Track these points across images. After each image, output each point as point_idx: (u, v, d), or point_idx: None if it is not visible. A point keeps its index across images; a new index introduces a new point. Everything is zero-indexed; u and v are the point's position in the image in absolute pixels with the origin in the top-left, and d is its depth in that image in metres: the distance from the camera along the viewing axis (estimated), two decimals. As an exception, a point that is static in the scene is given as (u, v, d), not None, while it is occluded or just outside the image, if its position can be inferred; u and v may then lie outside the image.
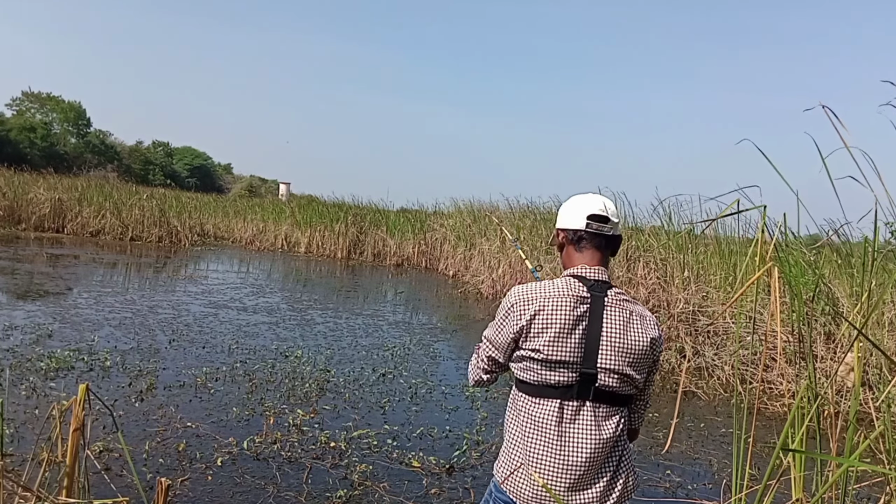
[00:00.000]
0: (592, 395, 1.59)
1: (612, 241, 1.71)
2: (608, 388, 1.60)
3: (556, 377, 1.59)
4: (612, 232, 1.69)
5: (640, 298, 8.08)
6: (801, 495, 2.23)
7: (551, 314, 1.58)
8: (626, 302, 1.64)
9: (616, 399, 1.62)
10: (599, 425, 1.59)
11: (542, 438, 1.60)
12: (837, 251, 7.02)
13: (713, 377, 6.64)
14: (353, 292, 11.72)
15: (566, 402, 1.59)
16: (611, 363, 1.58)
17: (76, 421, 1.95)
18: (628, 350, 1.60)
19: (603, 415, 1.60)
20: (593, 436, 1.58)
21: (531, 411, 1.62)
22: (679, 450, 4.62)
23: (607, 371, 1.58)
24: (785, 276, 3.27)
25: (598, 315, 1.59)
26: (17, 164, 23.09)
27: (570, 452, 1.58)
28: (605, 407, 1.61)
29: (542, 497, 1.59)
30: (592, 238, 1.67)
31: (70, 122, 47.86)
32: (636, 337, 1.61)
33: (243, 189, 49.19)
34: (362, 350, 6.83)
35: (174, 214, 18.78)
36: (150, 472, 3.36)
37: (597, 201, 1.68)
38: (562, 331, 1.57)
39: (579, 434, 1.58)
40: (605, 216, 1.65)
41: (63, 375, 4.85)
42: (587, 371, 1.58)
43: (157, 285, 10.20)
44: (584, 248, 1.68)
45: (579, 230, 1.67)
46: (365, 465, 3.73)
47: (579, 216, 1.67)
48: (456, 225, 16.52)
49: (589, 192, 1.73)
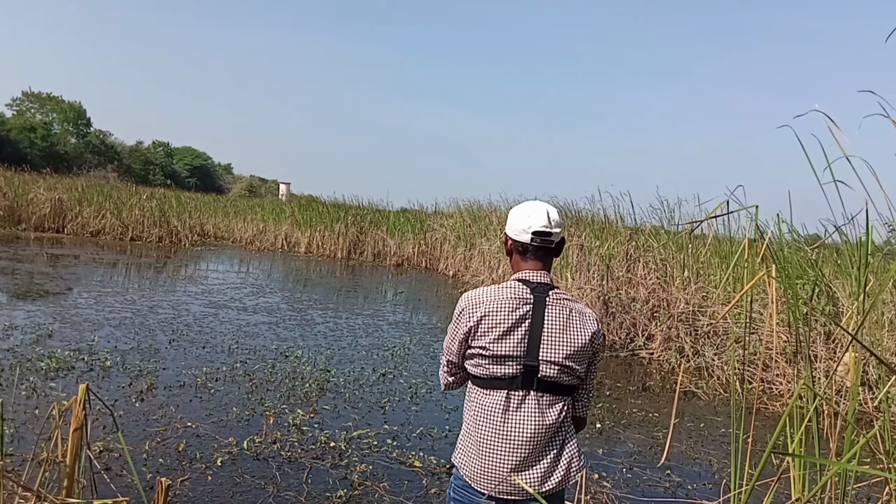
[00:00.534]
0: (536, 385, 1.75)
1: (556, 248, 1.87)
2: (549, 378, 1.76)
3: (502, 370, 1.76)
4: (556, 241, 1.84)
5: (640, 298, 8.09)
6: (801, 495, 2.23)
7: (496, 315, 1.75)
8: (566, 301, 1.81)
9: (558, 389, 1.78)
10: (542, 412, 1.76)
11: (490, 425, 1.77)
12: (838, 250, 7.02)
13: (713, 377, 6.65)
14: (353, 292, 11.73)
15: (512, 391, 1.76)
16: (551, 356, 1.74)
17: (76, 421, 1.95)
18: (568, 344, 1.76)
19: (546, 403, 1.77)
20: (536, 421, 1.75)
21: (482, 401, 1.80)
22: (679, 450, 4.62)
23: (548, 363, 1.75)
24: (781, 276, 3.27)
25: (539, 313, 1.76)
26: (18, 165, 23.12)
27: (514, 436, 1.74)
28: (548, 396, 1.77)
29: (490, 477, 1.76)
30: (537, 250, 1.83)
31: (70, 122, 47.90)
32: (576, 332, 1.77)
33: (243, 189, 49.23)
34: (362, 350, 6.83)
35: (174, 214, 18.79)
36: (150, 472, 3.36)
37: (541, 217, 1.80)
38: (505, 329, 1.74)
39: (523, 420, 1.75)
40: (549, 231, 1.80)
41: (63, 375, 4.85)
42: (530, 364, 1.74)
43: (158, 285, 10.20)
44: (529, 258, 1.84)
45: (526, 244, 1.82)
46: (365, 464, 3.74)
47: (526, 232, 1.81)
48: (456, 225, 16.53)
49: (536, 201, 1.87)
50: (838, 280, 6.70)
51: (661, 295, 8.04)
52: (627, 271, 8.61)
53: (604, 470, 4.05)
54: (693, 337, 7.37)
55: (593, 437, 4.73)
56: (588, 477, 3.89)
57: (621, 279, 8.48)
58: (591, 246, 9.26)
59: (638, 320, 8.05)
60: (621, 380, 6.64)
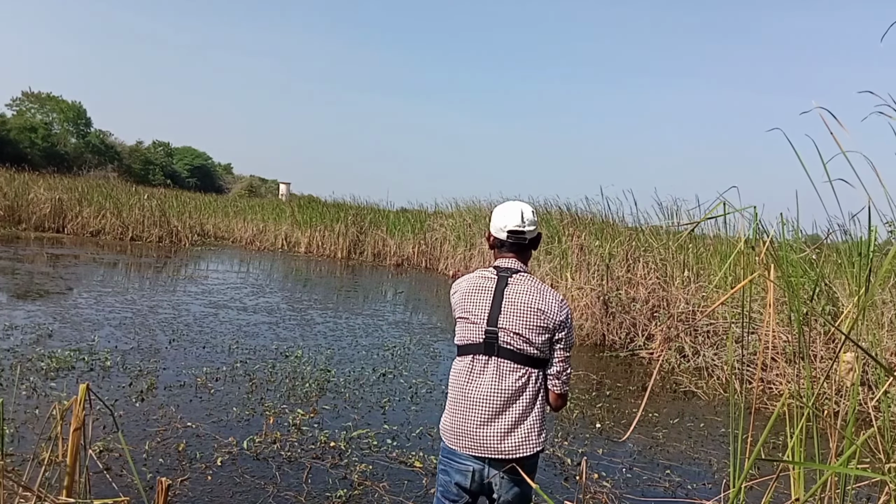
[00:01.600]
0: (497, 352, 1.98)
1: (530, 244, 2.11)
2: (509, 346, 1.97)
3: (468, 334, 2.03)
4: (529, 237, 2.09)
5: (640, 298, 8.09)
6: (800, 495, 2.23)
7: (466, 290, 2.09)
8: (527, 281, 2.03)
9: (519, 358, 1.97)
10: (502, 376, 1.97)
11: (458, 386, 2.04)
12: (838, 250, 7.02)
13: (713, 377, 6.65)
14: (353, 292, 11.73)
15: (477, 356, 2.00)
16: (509, 324, 1.96)
17: (76, 421, 1.95)
18: (522, 315, 1.96)
19: (507, 368, 1.97)
20: (494, 383, 1.97)
21: (455, 367, 2.08)
22: (679, 449, 4.62)
23: (506, 331, 1.96)
24: (781, 276, 3.27)
25: (501, 289, 2.02)
26: (18, 165, 23.11)
27: (473, 396, 1.98)
28: (509, 363, 1.97)
29: (459, 433, 2.00)
30: (512, 245, 2.09)
31: (70, 122, 47.86)
32: (531, 305, 1.97)
33: (243, 189, 49.19)
34: (362, 350, 6.83)
35: (174, 214, 18.79)
36: (150, 472, 3.37)
37: (515, 216, 2.05)
38: (471, 300, 2.04)
39: (483, 382, 1.98)
40: (522, 230, 2.05)
41: (63, 375, 4.85)
42: (490, 330, 1.98)
43: (158, 285, 10.20)
44: (505, 252, 2.11)
45: (502, 240, 2.08)
46: (365, 464, 3.74)
47: (502, 230, 2.07)
48: (456, 225, 16.53)
49: (515, 201, 2.12)
50: (838, 280, 6.70)
51: (661, 295, 8.04)
52: (627, 271, 8.61)
53: (604, 470, 4.06)
54: (693, 337, 7.37)
55: (593, 437, 4.73)
56: (588, 477, 3.90)
57: (621, 279, 8.48)
58: (590, 246, 9.27)
59: (638, 320, 8.05)
60: (621, 380, 6.65)
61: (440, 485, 2.09)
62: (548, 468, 4.00)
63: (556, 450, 4.30)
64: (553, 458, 4.16)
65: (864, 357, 4.81)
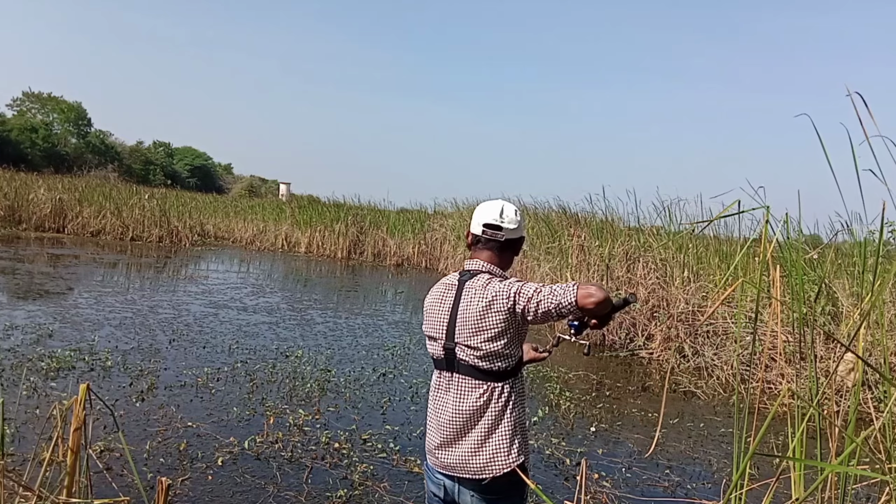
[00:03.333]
0: (457, 368, 1.85)
1: (508, 244, 1.93)
2: (466, 362, 1.83)
3: (431, 349, 1.93)
4: (506, 237, 1.91)
5: (640, 298, 8.08)
6: (800, 495, 2.23)
7: (428, 300, 1.96)
8: (479, 281, 1.85)
9: (478, 373, 1.82)
10: (462, 395, 1.84)
11: (430, 400, 1.96)
12: (837, 251, 7.02)
13: (713, 377, 6.65)
14: (353, 292, 11.73)
15: (442, 371, 1.91)
16: (463, 338, 1.82)
17: (77, 421, 1.95)
18: (475, 322, 1.80)
19: (467, 387, 1.84)
20: (455, 403, 1.85)
21: (432, 378, 1.98)
22: (678, 449, 4.62)
23: (461, 346, 1.83)
24: (788, 276, 3.27)
25: (457, 298, 1.87)
26: (18, 165, 23.12)
27: (438, 416, 1.89)
28: (469, 380, 1.84)
29: (426, 446, 1.96)
30: (486, 242, 1.92)
31: (71, 123, 47.88)
32: (475, 309, 1.80)
33: (243, 189, 49.16)
34: (362, 350, 6.83)
35: (174, 214, 18.79)
36: (150, 472, 3.37)
37: (494, 211, 1.91)
38: (431, 311, 1.92)
39: (447, 401, 1.87)
40: (499, 225, 1.89)
41: (64, 375, 4.86)
42: (448, 345, 1.86)
43: (158, 285, 10.21)
44: (479, 248, 1.94)
45: (478, 235, 1.93)
46: (365, 464, 3.74)
47: (478, 223, 1.92)
48: (456, 225, 16.52)
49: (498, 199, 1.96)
50: (838, 280, 6.70)
51: (661, 294, 8.05)
52: (627, 271, 8.61)
53: (604, 470, 4.06)
54: (693, 337, 7.37)
55: (593, 437, 4.73)
56: (588, 477, 3.90)
57: (621, 279, 8.48)
58: (590, 246, 9.27)
59: (637, 320, 8.05)
60: (621, 380, 6.65)
61: (426, 490, 2.05)
62: (547, 468, 4.00)
63: (556, 450, 4.30)
64: (553, 459, 4.16)
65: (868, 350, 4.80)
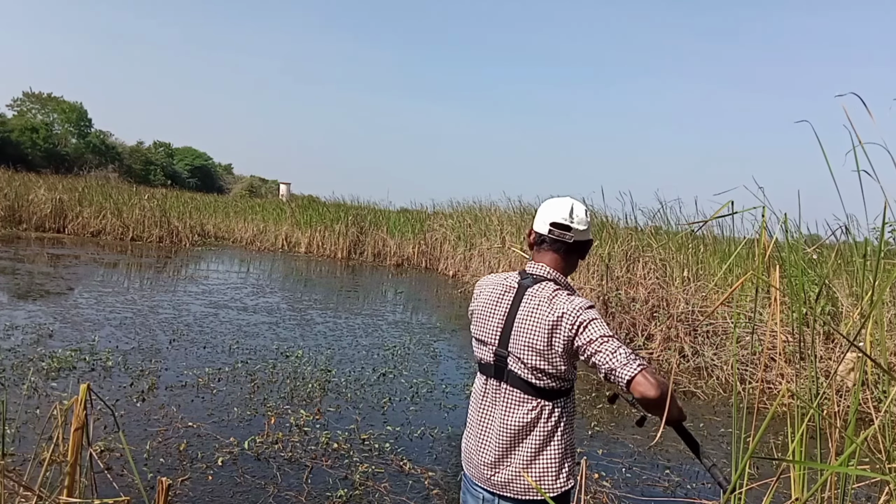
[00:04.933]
0: (507, 378, 1.71)
1: (576, 247, 1.78)
2: (517, 374, 1.70)
3: (479, 353, 1.80)
4: (574, 239, 1.76)
5: (640, 298, 8.08)
6: (800, 495, 2.23)
7: (482, 298, 1.81)
8: (544, 291, 1.70)
9: (529, 388, 1.69)
10: (510, 409, 1.71)
11: (474, 409, 1.82)
12: (837, 251, 7.02)
13: (712, 377, 6.65)
14: (353, 292, 11.73)
15: (490, 379, 1.76)
16: (516, 348, 1.69)
17: (77, 421, 1.96)
18: (530, 336, 1.66)
19: (516, 399, 1.70)
20: (503, 415, 1.71)
21: (475, 383, 1.85)
22: (678, 449, 4.63)
23: (514, 356, 1.70)
24: (786, 276, 3.28)
25: (516, 304, 1.72)
26: (18, 165, 23.12)
27: (486, 427, 1.76)
28: (519, 393, 1.70)
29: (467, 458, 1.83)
30: (553, 243, 1.77)
31: (71, 123, 47.85)
32: (538, 323, 1.66)
33: (244, 189, 49.17)
34: (363, 350, 6.84)
35: (175, 215, 18.79)
36: (151, 472, 3.37)
37: (563, 209, 1.76)
38: (484, 312, 1.78)
39: (493, 412, 1.75)
40: (567, 224, 1.74)
41: (64, 375, 4.86)
42: (500, 352, 1.72)
43: (158, 285, 10.21)
44: (544, 250, 1.79)
45: (543, 235, 1.78)
46: (366, 465, 3.75)
47: (545, 222, 1.77)
48: (456, 225, 16.52)
49: (566, 197, 1.81)
50: (838, 280, 6.70)
51: (661, 295, 8.05)
52: (627, 271, 8.62)
53: (603, 470, 4.06)
54: (692, 337, 7.38)
55: (593, 437, 4.74)
56: (588, 476, 3.90)
57: (621, 279, 8.49)
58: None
59: (637, 320, 8.05)
60: (621, 380, 6.64)
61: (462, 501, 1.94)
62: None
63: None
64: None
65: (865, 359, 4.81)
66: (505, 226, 13.47)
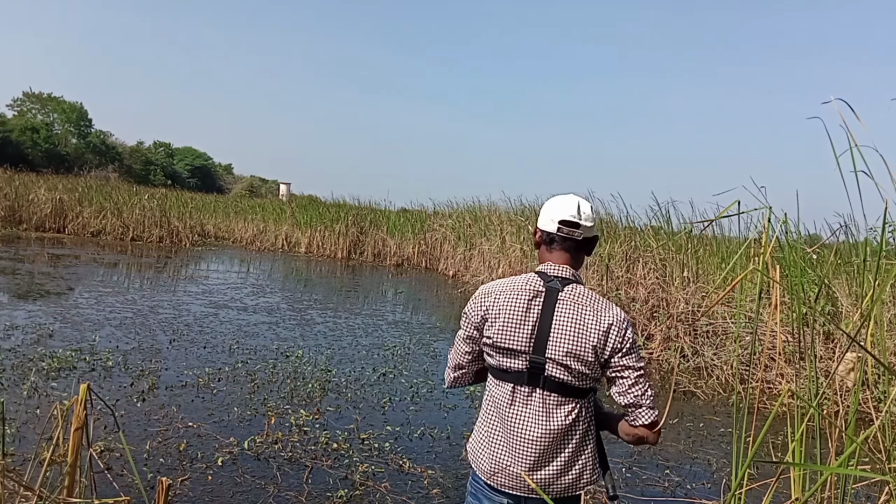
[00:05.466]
0: (543, 384, 1.67)
1: (584, 244, 1.77)
2: (556, 378, 1.66)
3: (507, 363, 1.70)
4: (583, 236, 1.75)
5: (640, 298, 8.09)
6: (799, 495, 2.24)
7: (503, 305, 1.70)
8: (582, 296, 1.69)
9: (567, 390, 1.68)
10: (548, 413, 1.67)
11: (497, 417, 1.73)
12: (836, 251, 7.02)
13: (712, 377, 6.65)
14: (353, 292, 11.73)
15: (518, 386, 1.70)
16: (558, 355, 1.65)
17: (77, 421, 1.96)
18: (575, 342, 1.64)
19: (553, 403, 1.68)
20: (541, 423, 1.67)
21: (493, 391, 1.76)
22: (678, 449, 4.63)
23: (554, 362, 1.66)
24: (786, 276, 3.27)
25: (550, 307, 1.67)
26: (19, 165, 23.14)
27: (518, 435, 1.68)
28: (556, 396, 1.68)
29: (491, 467, 1.72)
30: (563, 241, 1.74)
31: (71, 123, 47.85)
32: (586, 329, 1.65)
33: (244, 189, 49.20)
34: (363, 350, 6.84)
35: (175, 215, 18.80)
36: (151, 472, 3.38)
37: (571, 206, 1.74)
38: (511, 321, 1.68)
39: (528, 419, 1.68)
40: (576, 222, 1.72)
41: (65, 375, 4.86)
42: (536, 360, 1.67)
43: (158, 285, 10.21)
44: (555, 249, 1.76)
45: (552, 233, 1.75)
46: (366, 465, 3.75)
47: (553, 220, 1.74)
48: (456, 225, 16.53)
49: (570, 194, 1.78)
50: (837, 280, 6.71)
51: (661, 295, 8.05)
52: (627, 271, 8.62)
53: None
54: (692, 337, 7.38)
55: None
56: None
57: (620, 279, 8.49)
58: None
59: (637, 320, 8.05)
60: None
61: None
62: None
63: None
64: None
65: (866, 357, 4.81)
66: (505, 226, 13.48)
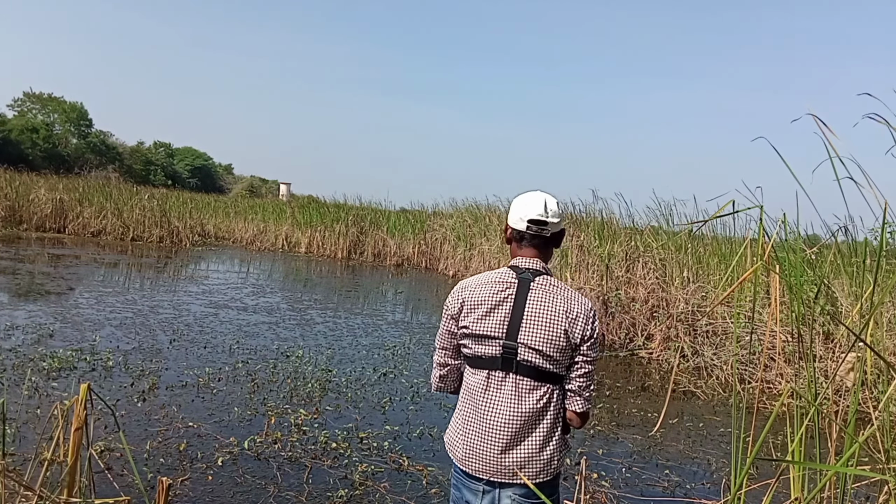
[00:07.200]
0: (516, 368, 1.76)
1: (552, 239, 1.89)
2: (528, 363, 1.76)
3: (482, 349, 1.80)
4: (551, 232, 1.86)
5: (640, 298, 8.09)
6: (799, 495, 2.24)
7: (479, 295, 1.81)
8: (552, 285, 1.80)
9: (539, 375, 1.77)
10: (521, 396, 1.76)
11: (472, 404, 1.82)
12: (836, 251, 7.02)
13: (712, 377, 6.65)
14: (353, 292, 11.74)
15: (493, 372, 1.79)
16: (530, 340, 1.74)
17: (78, 420, 1.96)
18: (546, 328, 1.74)
19: (526, 388, 1.77)
20: (512, 405, 1.76)
21: (468, 380, 1.85)
22: (677, 449, 4.63)
23: (526, 347, 1.75)
24: (785, 276, 3.28)
25: (522, 297, 1.78)
26: (19, 165, 23.14)
27: (490, 419, 1.77)
28: (529, 380, 1.77)
29: (478, 459, 1.79)
30: (532, 238, 1.86)
31: (72, 123, 47.87)
32: (556, 317, 1.75)
33: (244, 189, 49.22)
34: (363, 350, 6.84)
35: (175, 215, 18.80)
36: (151, 472, 3.38)
37: (538, 205, 1.83)
38: (485, 309, 1.79)
39: (501, 402, 1.77)
40: (544, 220, 1.82)
41: (65, 375, 4.87)
42: (509, 345, 1.76)
43: (159, 285, 10.21)
44: (525, 245, 1.87)
45: (522, 231, 1.85)
46: (366, 465, 3.75)
47: (522, 219, 1.84)
48: (456, 225, 16.53)
49: (537, 191, 1.87)
50: (837, 280, 6.71)
51: (661, 295, 8.05)
52: (627, 271, 8.62)
53: (603, 469, 4.06)
54: (692, 337, 7.38)
55: (593, 436, 4.74)
56: (587, 476, 3.90)
57: (620, 279, 8.49)
58: (590, 246, 9.27)
59: (637, 320, 8.06)
60: (620, 380, 6.65)
61: (452, 500, 1.96)
62: (548, 468, 4.00)
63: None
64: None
65: (866, 357, 4.81)
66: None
